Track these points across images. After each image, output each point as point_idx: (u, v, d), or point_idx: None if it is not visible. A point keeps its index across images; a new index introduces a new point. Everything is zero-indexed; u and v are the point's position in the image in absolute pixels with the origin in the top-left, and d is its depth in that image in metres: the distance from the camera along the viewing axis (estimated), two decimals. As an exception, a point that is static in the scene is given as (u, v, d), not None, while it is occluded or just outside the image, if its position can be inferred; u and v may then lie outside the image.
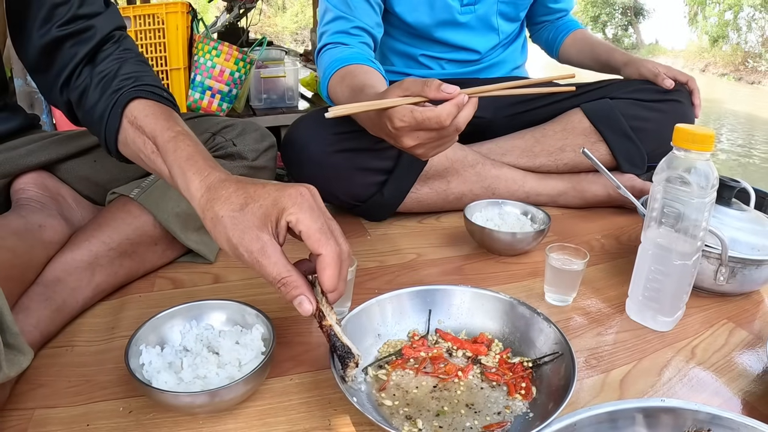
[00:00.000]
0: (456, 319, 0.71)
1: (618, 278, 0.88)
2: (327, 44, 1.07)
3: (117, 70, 0.71)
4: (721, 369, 0.68)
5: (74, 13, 0.73)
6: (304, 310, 0.52)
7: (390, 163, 1.03)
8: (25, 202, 0.80)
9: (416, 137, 0.73)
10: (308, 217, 0.52)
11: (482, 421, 0.57)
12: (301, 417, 0.58)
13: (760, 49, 13.08)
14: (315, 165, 1.00)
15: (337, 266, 0.52)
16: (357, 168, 1.01)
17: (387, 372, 0.63)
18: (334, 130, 1.00)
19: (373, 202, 1.05)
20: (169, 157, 0.60)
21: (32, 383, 0.62)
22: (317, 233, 0.52)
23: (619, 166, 1.13)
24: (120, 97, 0.68)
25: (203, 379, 0.55)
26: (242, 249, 0.51)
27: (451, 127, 0.71)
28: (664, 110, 1.11)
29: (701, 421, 0.50)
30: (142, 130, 0.65)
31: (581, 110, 1.13)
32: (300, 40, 13.93)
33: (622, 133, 1.11)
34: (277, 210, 0.52)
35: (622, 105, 1.11)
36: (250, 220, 0.51)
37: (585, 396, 0.63)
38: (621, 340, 0.73)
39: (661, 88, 1.12)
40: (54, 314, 0.69)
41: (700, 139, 0.65)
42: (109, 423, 0.56)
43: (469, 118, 0.72)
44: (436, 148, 0.77)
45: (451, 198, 1.11)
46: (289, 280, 0.51)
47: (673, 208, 0.69)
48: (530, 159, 1.15)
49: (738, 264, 0.78)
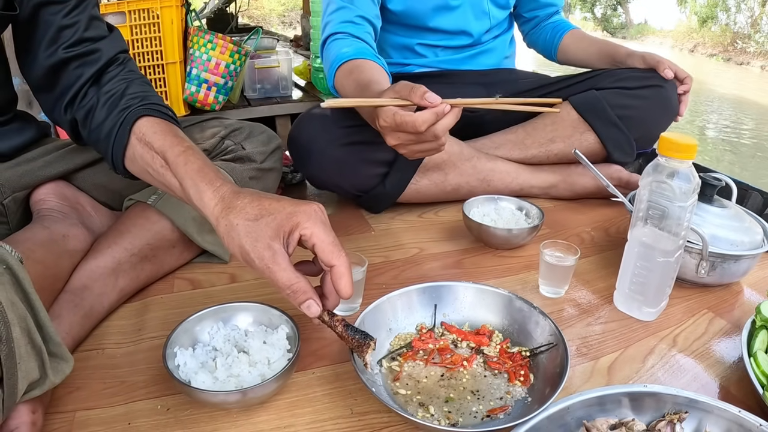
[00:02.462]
0: (460, 312, 0.77)
1: (607, 270, 0.95)
2: (333, 34, 1.12)
3: (124, 90, 0.75)
4: (700, 356, 0.75)
5: (80, 36, 0.76)
6: (312, 313, 0.58)
7: (391, 155, 1.08)
8: (47, 213, 0.83)
9: (397, 137, 0.80)
10: (322, 231, 0.57)
11: (486, 405, 0.63)
12: (326, 407, 0.64)
13: (749, 30, 13.12)
14: (322, 158, 1.04)
15: (350, 275, 0.58)
16: (361, 160, 1.07)
17: (400, 363, 0.69)
18: (341, 124, 1.05)
19: (375, 192, 1.11)
20: (179, 170, 0.64)
21: (69, 387, 0.65)
22: (331, 246, 0.57)
23: (609, 155, 1.18)
24: (128, 115, 0.72)
25: (237, 378, 0.61)
26: (254, 255, 0.56)
27: (428, 133, 0.76)
28: (647, 96, 1.15)
29: (680, 404, 0.57)
30: (151, 146, 0.69)
31: (569, 102, 1.18)
32: (288, 23, 13.70)
33: (609, 122, 1.15)
34: (292, 224, 0.57)
35: (608, 95, 1.16)
36: (264, 231, 0.56)
37: (576, 381, 0.69)
38: (609, 330, 0.79)
39: (643, 76, 1.16)
40: (83, 320, 0.73)
41: (683, 149, 0.70)
42: (150, 421, 0.61)
43: (449, 127, 0.77)
44: (418, 152, 0.82)
45: (448, 189, 1.16)
46: (297, 287, 0.57)
47: (658, 210, 0.75)
48: (522, 151, 1.20)
49: (718, 259, 0.85)
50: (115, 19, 1.70)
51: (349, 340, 0.60)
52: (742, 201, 1.22)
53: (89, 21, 0.77)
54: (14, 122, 0.88)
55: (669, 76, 1.15)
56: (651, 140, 1.21)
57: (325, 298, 0.60)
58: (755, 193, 1.22)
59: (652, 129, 1.17)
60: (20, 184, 0.84)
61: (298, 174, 1.32)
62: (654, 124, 1.17)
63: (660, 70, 1.15)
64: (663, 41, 15.97)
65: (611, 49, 1.30)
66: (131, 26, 1.71)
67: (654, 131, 1.18)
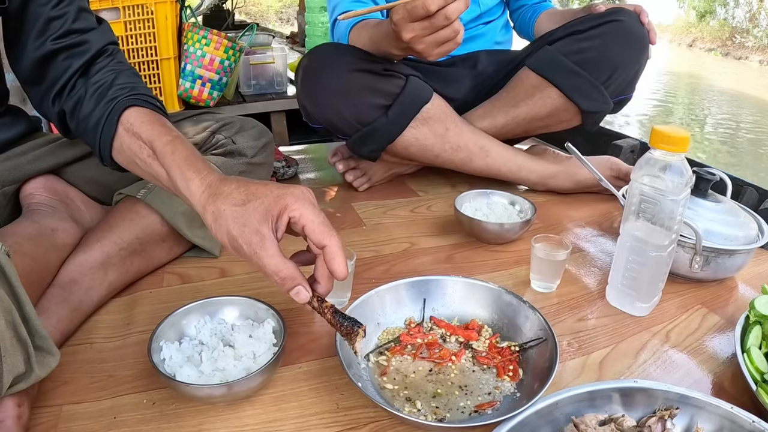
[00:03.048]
0: (449, 307, 0.77)
1: (599, 264, 0.94)
2: (342, 12, 1.11)
3: (112, 81, 0.75)
4: (693, 351, 0.74)
5: (69, 27, 0.76)
6: (301, 299, 0.56)
7: (397, 89, 1.08)
8: (36, 207, 0.83)
9: (412, 29, 0.82)
10: (311, 212, 0.56)
11: (474, 401, 0.63)
12: (312, 402, 0.63)
13: (748, 24, 13.08)
14: (330, 81, 1.05)
15: (343, 254, 0.57)
16: (367, 88, 1.06)
17: (387, 358, 0.69)
18: (353, 52, 1.07)
19: (376, 125, 1.09)
20: (167, 159, 0.64)
21: (56, 381, 0.65)
22: (321, 226, 0.56)
23: (577, 106, 1.13)
24: (116, 105, 0.71)
25: (222, 372, 0.60)
26: (241, 241, 0.55)
27: (440, 15, 0.78)
28: (604, 33, 1.10)
29: (671, 400, 0.57)
30: (139, 136, 0.68)
31: (526, 66, 1.16)
32: (285, 19, 13.65)
33: (566, 71, 1.11)
34: (280, 207, 0.56)
35: (561, 45, 1.13)
36: (252, 215, 0.55)
37: (567, 377, 0.69)
38: (601, 325, 0.79)
39: (594, 17, 1.12)
40: (72, 314, 0.73)
41: (675, 141, 0.69)
42: (135, 415, 0.61)
43: (460, 11, 0.79)
44: (436, 45, 0.84)
45: (447, 147, 1.14)
46: (286, 273, 0.55)
47: (650, 203, 0.74)
48: (491, 121, 1.20)
49: (712, 253, 0.84)
50: (109, 15, 1.69)
51: (338, 327, 0.59)
52: (737, 196, 1.21)
53: (78, 12, 0.77)
54: (5, 116, 0.88)
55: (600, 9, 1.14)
56: (627, 82, 1.14)
57: (318, 284, 0.59)
58: (750, 189, 1.21)
59: (619, 67, 1.10)
60: (10, 178, 0.84)
61: (290, 169, 1.32)
62: (620, 62, 1.10)
63: (592, 10, 1.15)
64: (661, 36, 15.90)
65: (572, 12, 1.29)
66: (125, 22, 1.71)
67: (624, 69, 1.12)
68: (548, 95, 1.14)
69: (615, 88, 1.13)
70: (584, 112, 1.14)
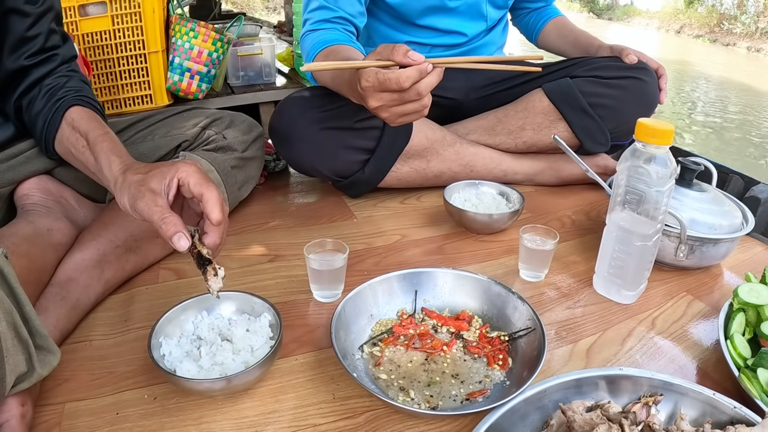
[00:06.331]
0: (440, 298, 0.79)
1: (587, 254, 0.96)
2: (310, 30, 1.10)
3: (63, 84, 0.84)
4: (678, 338, 0.76)
5: (41, 46, 0.84)
6: (182, 246, 0.60)
7: (372, 143, 1.09)
8: (31, 207, 0.84)
9: (380, 98, 0.77)
10: (194, 172, 0.63)
11: (466, 389, 0.65)
12: (309, 393, 0.65)
13: (736, 11, 13.10)
14: (302, 141, 1.05)
15: (220, 202, 0.62)
16: (341, 146, 1.07)
17: (381, 349, 0.70)
18: (320, 108, 1.05)
19: (355, 178, 1.11)
20: (97, 147, 0.73)
21: (57, 379, 0.66)
22: (200, 179, 0.63)
23: (580, 144, 1.17)
24: (62, 103, 0.81)
25: (221, 366, 0.62)
26: (137, 199, 0.61)
27: (411, 91, 0.74)
28: (624, 87, 1.13)
29: (655, 387, 0.59)
30: (78, 129, 0.78)
31: (542, 89, 1.17)
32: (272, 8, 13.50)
33: (580, 110, 1.14)
34: (172, 172, 0.63)
35: (581, 83, 1.15)
36: (149, 180, 0.62)
37: (555, 364, 0.71)
38: (588, 313, 0.81)
39: (621, 66, 1.15)
40: (70, 312, 0.74)
41: (660, 134, 0.71)
42: (137, 410, 0.62)
43: (432, 86, 0.76)
44: (401, 115, 0.79)
45: (430, 176, 1.17)
46: (169, 219, 0.60)
47: (635, 194, 0.76)
48: (491, 137, 1.21)
49: (696, 242, 0.86)
50: (96, 9, 1.67)
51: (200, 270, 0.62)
52: (722, 184, 1.24)
53: (49, 34, 0.84)
54: None
55: (632, 60, 1.15)
56: (628, 132, 1.18)
57: (206, 234, 0.63)
58: (736, 177, 1.23)
59: (629, 120, 1.15)
60: (3, 180, 0.85)
61: (281, 162, 1.32)
62: (631, 116, 1.14)
63: (623, 57, 1.16)
64: (649, 22, 15.93)
65: (586, 40, 1.31)
66: (113, 16, 1.69)
67: (632, 123, 1.14)
68: (556, 127, 1.17)
69: (616, 136, 1.18)
70: (583, 149, 1.18)
